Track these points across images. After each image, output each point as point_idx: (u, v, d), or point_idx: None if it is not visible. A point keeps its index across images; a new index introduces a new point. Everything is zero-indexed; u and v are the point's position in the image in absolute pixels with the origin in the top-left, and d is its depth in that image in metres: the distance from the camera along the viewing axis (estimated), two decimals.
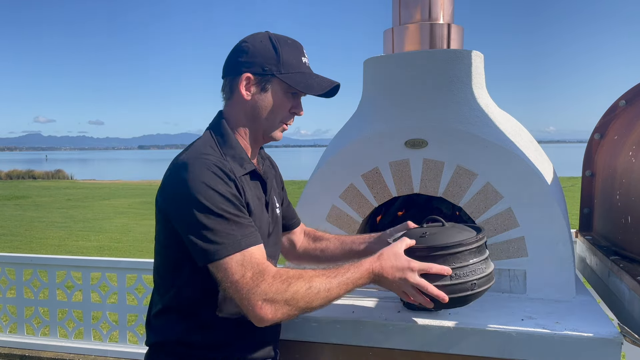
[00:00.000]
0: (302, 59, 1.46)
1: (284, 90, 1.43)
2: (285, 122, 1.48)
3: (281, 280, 1.26)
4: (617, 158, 2.25)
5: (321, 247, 1.80)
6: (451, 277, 1.42)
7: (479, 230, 1.55)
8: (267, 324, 1.26)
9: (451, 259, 1.43)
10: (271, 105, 1.43)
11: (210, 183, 1.26)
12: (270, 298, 1.23)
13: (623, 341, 1.48)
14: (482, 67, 2.10)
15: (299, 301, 1.26)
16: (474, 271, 1.45)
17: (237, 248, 1.25)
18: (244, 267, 1.24)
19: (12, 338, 4.28)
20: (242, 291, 1.23)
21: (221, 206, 1.26)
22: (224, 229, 1.25)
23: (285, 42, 1.44)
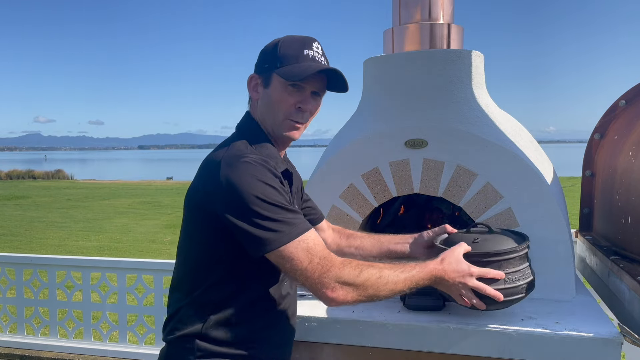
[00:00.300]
0: (304, 51, 1.41)
1: (283, 84, 1.40)
2: (290, 118, 1.42)
3: (352, 266, 1.30)
4: (617, 158, 2.25)
5: (355, 244, 1.79)
6: (505, 281, 1.51)
7: (524, 236, 1.63)
8: (338, 305, 1.30)
9: (505, 264, 1.52)
10: (273, 100, 1.41)
11: (260, 176, 1.28)
12: (343, 281, 1.28)
13: (623, 341, 1.48)
14: (482, 67, 2.10)
15: (369, 288, 1.30)
16: (524, 276, 1.55)
17: (298, 233, 1.28)
18: (310, 252, 1.28)
19: (12, 338, 4.28)
20: (314, 276, 1.27)
21: (275, 197, 1.28)
22: (282, 217, 1.27)
23: (290, 38, 1.44)
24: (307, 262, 1.27)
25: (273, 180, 1.30)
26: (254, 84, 1.47)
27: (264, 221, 1.26)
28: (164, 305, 3.98)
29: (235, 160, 1.31)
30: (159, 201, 18.86)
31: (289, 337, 1.56)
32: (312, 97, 1.44)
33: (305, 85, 1.41)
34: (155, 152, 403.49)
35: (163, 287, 3.96)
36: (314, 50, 1.42)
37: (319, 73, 1.40)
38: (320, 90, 1.45)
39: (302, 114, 1.43)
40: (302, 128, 1.47)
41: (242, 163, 1.29)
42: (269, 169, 1.31)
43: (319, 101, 1.47)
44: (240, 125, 1.50)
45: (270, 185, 1.29)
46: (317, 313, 1.74)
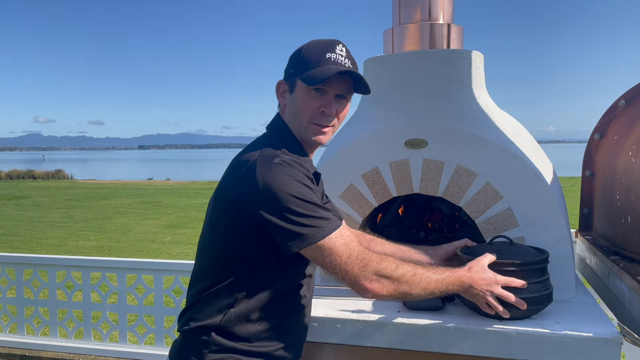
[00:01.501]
0: (327, 55, 1.41)
1: (305, 89, 1.42)
2: (315, 122, 1.43)
3: (389, 261, 1.35)
4: (617, 158, 2.25)
5: (376, 249, 1.78)
6: (528, 291, 1.58)
7: (543, 250, 1.71)
8: (374, 298, 1.35)
9: (529, 275, 1.60)
10: (297, 106, 1.43)
11: (295, 176, 1.32)
12: (381, 274, 1.32)
13: (623, 341, 1.48)
14: (482, 67, 2.10)
15: (403, 283, 1.34)
16: (545, 287, 1.63)
17: (334, 228, 1.32)
18: (348, 247, 1.32)
19: (12, 338, 4.28)
20: (354, 269, 1.31)
21: (309, 196, 1.32)
22: (318, 214, 1.31)
23: (314, 43, 1.45)
24: (346, 256, 1.31)
25: (306, 179, 1.34)
26: (281, 90, 1.50)
27: (301, 218, 1.29)
28: (164, 305, 3.98)
29: (270, 160, 1.34)
30: (159, 201, 18.86)
31: (302, 337, 1.58)
32: (336, 100, 1.44)
33: (328, 88, 1.42)
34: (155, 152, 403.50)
35: (163, 287, 3.97)
36: (337, 53, 1.43)
37: (341, 75, 1.41)
38: (345, 92, 1.46)
39: (327, 118, 1.44)
40: (330, 131, 1.47)
41: (276, 164, 1.33)
42: (302, 169, 1.35)
43: (345, 103, 1.48)
44: (271, 127, 1.52)
45: (305, 184, 1.32)
46: (317, 313, 1.74)
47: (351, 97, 1.51)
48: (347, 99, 1.48)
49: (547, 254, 1.67)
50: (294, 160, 1.37)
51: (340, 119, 1.49)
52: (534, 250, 1.70)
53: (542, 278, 1.62)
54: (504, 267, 1.59)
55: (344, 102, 1.47)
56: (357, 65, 1.49)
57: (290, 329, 1.49)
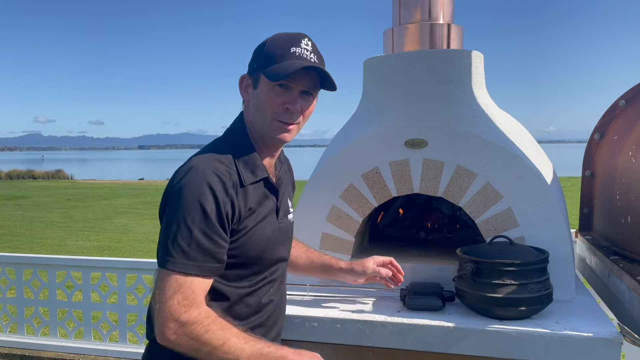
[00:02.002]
0: (292, 49, 1.35)
1: (269, 85, 1.35)
2: (279, 119, 1.37)
3: (204, 323, 1.24)
4: (617, 158, 2.25)
5: (292, 260, 1.76)
6: (529, 290, 1.59)
7: (543, 250, 1.70)
8: (166, 345, 1.25)
9: (530, 274, 1.60)
10: (261, 101, 1.37)
11: (200, 198, 1.26)
12: (182, 324, 1.22)
13: (623, 341, 1.48)
14: (482, 67, 2.10)
15: (203, 348, 1.24)
16: (545, 287, 1.63)
17: (184, 270, 1.25)
18: (179, 290, 1.24)
19: (12, 338, 4.28)
20: (164, 309, 1.23)
21: (199, 224, 1.26)
22: (185, 246, 1.25)
23: (278, 36, 1.40)
24: (169, 295, 1.23)
25: (212, 205, 1.26)
26: (245, 85, 1.43)
27: (171, 240, 1.25)
28: None
29: (193, 171, 1.30)
30: (159, 201, 18.86)
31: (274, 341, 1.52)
32: (301, 96, 1.38)
33: (293, 84, 1.35)
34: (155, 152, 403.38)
35: None
36: (303, 47, 1.36)
37: (308, 71, 1.35)
38: (310, 88, 1.39)
39: (291, 115, 1.38)
40: (295, 129, 1.41)
41: (194, 177, 1.28)
42: (218, 190, 1.27)
43: (311, 100, 1.42)
44: (229, 129, 1.48)
45: (205, 211, 1.25)
46: (317, 313, 1.74)
47: (317, 93, 1.44)
48: (313, 95, 1.42)
49: (547, 254, 1.67)
50: (224, 174, 1.30)
51: (306, 116, 1.43)
52: (534, 250, 1.70)
53: (542, 278, 1.62)
54: (504, 267, 1.60)
55: (310, 98, 1.41)
56: (323, 60, 1.42)
57: (262, 335, 1.43)
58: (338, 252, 2.05)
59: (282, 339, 1.64)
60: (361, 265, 1.74)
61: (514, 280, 1.59)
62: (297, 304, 1.81)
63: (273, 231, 1.46)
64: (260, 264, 1.43)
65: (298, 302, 1.82)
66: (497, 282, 1.60)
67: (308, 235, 2.08)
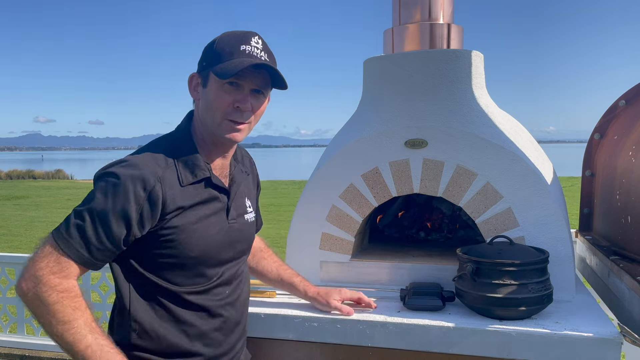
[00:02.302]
0: (241, 47, 1.33)
1: (219, 83, 1.33)
2: (229, 118, 1.35)
3: (60, 294, 1.25)
4: (617, 158, 2.25)
5: (260, 263, 1.79)
6: (529, 290, 1.59)
7: (543, 250, 1.71)
8: (17, 294, 1.30)
9: (531, 274, 1.60)
10: (210, 100, 1.35)
11: (112, 191, 1.26)
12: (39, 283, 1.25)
13: (623, 341, 1.48)
14: (482, 67, 2.10)
15: (46, 316, 1.24)
16: (545, 287, 1.63)
17: (63, 247, 1.25)
18: (52, 257, 1.26)
19: (12, 338, 4.28)
20: (32, 263, 1.27)
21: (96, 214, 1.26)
22: (73, 227, 1.26)
23: (228, 34, 1.38)
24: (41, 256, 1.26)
25: (123, 202, 1.26)
26: (194, 84, 1.41)
27: (73, 217, 1.27)
28: None
29: (117, 164, 1.31)
30: None
31: (229, 349, 1.51)
32: (252, 95, 1.36)
33: (243, 82, 1.34)
34: None
35: None
36: (253, 45, 1.34)
37: (258, 69, 1.34)
38: (261, 87, 1.37)
39: (242, 114, 1.36)
40: (246, 128, 1.39)
41: (118, 172, 1.28)
42: (137, 191, 1.26)
43: (262, 99, 1.40)
44: (177, 126, 1.47)
45: (113, 208, 1.26)
46: (318, 313, 1.74)
47: (269, 92, 1.42)
48: (264, 94, 1.40)
49: (547, 254, 1.67)
50: (150, 175, 1.28)
51: (257, 116, 1.41)
52: (534, 250, 1.70)
53: (542, 278, 1.62)
54: (504, 267, 1.60)
55: (261, 97, 1.39)
56: (274, 59, 1.40)
57: (207, 342, 1.43)
58: (338, 252, 2.06)
59: (282, 339, 1.64)
60: (325, 298, 1.73)
61: (514, 280, 1.59)
62: (297, 304, 1.81)
63: (220, 231, 1.42)
64: (205, 265, 1.40)
65: (298, 302, 1.82)
66: (497, 282, 1.60)
67: (308, 235, 2.08)
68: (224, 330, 1.47)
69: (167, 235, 1.33)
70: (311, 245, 2.08)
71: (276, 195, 18.85)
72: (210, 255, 1.40)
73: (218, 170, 1.45)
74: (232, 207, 1.46)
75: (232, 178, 1.49)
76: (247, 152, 1.65)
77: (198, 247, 1.37)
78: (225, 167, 1.48)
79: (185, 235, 1.34)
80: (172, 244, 1.34)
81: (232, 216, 1.46)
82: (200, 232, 1.37)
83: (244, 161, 1.60)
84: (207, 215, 1.40)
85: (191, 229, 1.35)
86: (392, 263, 2.01)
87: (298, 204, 2.10)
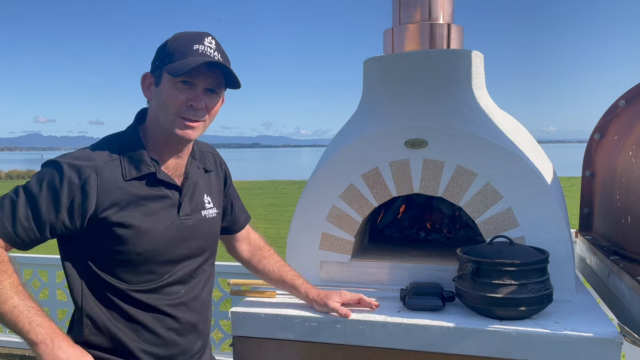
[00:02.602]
0: (194, 46, 1.35)
1: (172, 81, 1.34)
2: (182, 116, 1.36)
3: None
4: (617, 158, 2.25)
5: (260, 263, 1.78)
6: (529, 290, 1.59)
7: (543, 250, 1.71)
8: None
9: (531, 274, 1.61)
10: (163, 98, 1.36)
11: (47, 179, 1.30)
12: None
13: (623, 341, 1.48)
14: (482, 67, 2.10)
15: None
16: (545, 287, 1.63)
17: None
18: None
19: (12, 338, 4.28)
20: None
21: (30, 196, 1.29)
22: (13, 204, 1.28)
23: (181, 34, 1.40)
24: None
25: (55, 191, 1.29)
26: (147, 83, 1.42)
27: (9, 196, 1.29)
28: None
29: (63, 156, 1.34)
30: None
31: (184, 350, 1.49)
32: (205, 93, 1.37)
33: (196, 81, 1.35)
34: None
35: None
36: (206, 45, 1.36)
37: (211, 68, 1.35)
38: (215, 86, 1.39)
39: (195, 112, 1.37)
40: (200, 126, 1.40)
41: (54, 160, 1.33)
42: (72, 180, 1.29)
43: (216, 98, 1.40)
44: (128, 126, 1.48)
45: (46, 192, 1.28)
46: (317, 313, 1.74)
47: (223, 92, 1.43)
48: (218, 93, 1.41)
49: (547, 254, 1.67)
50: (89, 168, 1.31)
51: (212, 115, 1.41)
52: (534, 250, 1.70)
53: (542, 278, 1.62)
54: (504, 267, 1.60)
55: (215, 96, 1.40)
56: (228, 59, 1.41)
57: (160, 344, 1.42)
58: (338, 252, 2.06)
59: (281, 339, 1.64)
60: (324, 300, 1.73)
61: (514, 280, 1.59)
62: (297, 304, 1.81)
63: (169, 227, 1.41)
64: (154, 262, 1.39)
65: (298, 302, 1.82)
66: (497, 282, 1.60)
67: (308, 235, 2.08)
68: (179, 331, 1.46)
69: (113, 231, 1.33)
70: (311, 245, 2.08)
71: (276, 195, 18.85)
72: (159, 251, 1.39)
73: (171, 169, 1.45)
74: (184, 203, 1.45)
75: (186, 174, 1.49)
76: (213, 149, 1.65)
77: (145, 244, 1.36)
78: (180, 166, 1.48)
79: (131, 231, 1.35)
80: (119, 239, 1.34)
81: (184, 212, 1.45)
82: (146, 228, 1.37)
83: (206, 158, 1.59)
84: (155, 212, 1.39)
85: (137, 224, 1.35)
86: (392, 263, 2.01)
87: (298, 204, 2.10)
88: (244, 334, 1.79)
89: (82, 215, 1.31)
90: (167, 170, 1.43)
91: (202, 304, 1.52)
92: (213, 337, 3.25)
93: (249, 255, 1.77)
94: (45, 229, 1.30)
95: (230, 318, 1.80)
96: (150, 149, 1.42)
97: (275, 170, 41.18)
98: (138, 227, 1.35)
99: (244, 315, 1.79)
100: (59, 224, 1.30)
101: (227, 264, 3.17)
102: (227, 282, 2.07)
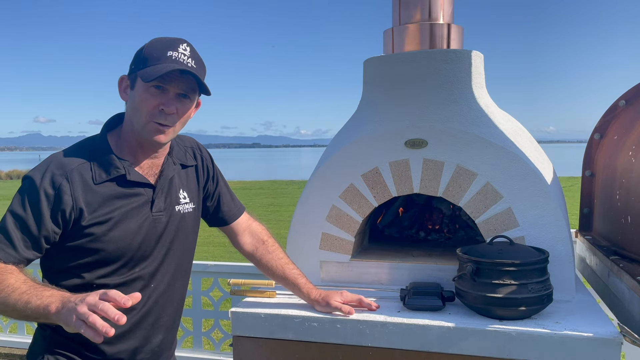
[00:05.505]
0: (168, 52, 1.38)
1: (145, 86, 1.38)
2: (154, 120, 1.39)
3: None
4: (617, 158, 2.25)
5: (265, 258, 1.78)
6: (529, 290, 1.59)
7: (543, 250, 1.70)
8: None
9: (531, 274, 1.61)
10: (137, 102, 1.40)
11: (27, 193, 1.35)
12: None
13: (623, 341, 1.48)
14: (482, 67, 2.10)
15: None
16: (545, 287, 1.63)
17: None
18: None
19: (12, 338, 4.28)
20: None
21: (16, 215, 1.34)
22: (4, 230, 1.33)
23: (157, 40, 1.43)
24: None
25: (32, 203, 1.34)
26: (124, 86, 1.45)
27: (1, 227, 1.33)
28: None
29: (37, 167, 1.39)
30: None
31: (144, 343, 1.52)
32: (177, 99, 1.41)
33: (169, 86, 1.38)
34: None
35: None
36: (180, 52, 1.40)
37: (183, 75, 1.38)
38: (187, 92, 1.42)
39: (166, 116, 1.40)
40: (171, 131, 1.43)
41: (28, 176, 1.37)
42: (49, 193, 1.34)
43: (188, 103, 1.43)
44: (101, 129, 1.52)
45: (31, 209, 1.33)
46: (318, 313, 1.74)
47: (196, 97, 1.46)
48: (191, 99, 1.44)
49: (547, 254, 1.67)
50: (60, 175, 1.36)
51: (183, 120, 1.45)
52: (534, 250, 1.70)
53: (542, 278, 1.62)
54: (504, 267, 1.60)
55: (187, 102, 1.43)
56: (203, 66, 1.45)
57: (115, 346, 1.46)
58: (338, 252, 2.06)
59: (282, 339, 1.64)
60: (326, 300, 1.74)
61: (514, 280, 1.59)
62: (297, 304, 1.81)
63: (142, 225, 1.45)
64: (126, 257, 1.43)
65: (298, 302, 1.82)
66: (497, 282, 1.60)
67: (308, 235, 2.08)
68: (145, 330, 1.51)
69: (88, 230, 1.37)
70: (311, 245, 2.08)
71: (276, 195, 18.85)
72: (132, 248, 1.44)
73: (146, 169, 1.49)
74: (157, 200, 1.48)
75: (161, 172, 1.52)
76: (196, 144, 1.68)
77: (117, 242, 1.41)
78: (155, 165, 1.51)
79: (105, 229, 1.39)
80: (93, 238, 1.38)
81: (157, 208, 1.48)
82: (119, 226, 1.41)
83: (186, 153, 1.62)
84: (127, 210, 1.44)
85: (110, 222, 1.40)
86: (392, 263, 2.01)
87: (298, 204, 2.10)
88: (244, 334, 1.79)
89: (64, 220, 1.36)
90: (141, 171, 1.48)
91: (172, 300, 1.58)
92: (213, 337, 3.25)
93: (252, 249, 1.79)
94: (41, 243, 1.35)
95: (230, 318, 1.80)
96: (125, 149, 1.47)
97: (275, 170, 41.15)
98: (111, 224, 1.40)
99: (244, 315, 1.79)
100: (51, 233, 1.36)
101: (227, 264, 3.17)
102: (227, 282, 2.07)
